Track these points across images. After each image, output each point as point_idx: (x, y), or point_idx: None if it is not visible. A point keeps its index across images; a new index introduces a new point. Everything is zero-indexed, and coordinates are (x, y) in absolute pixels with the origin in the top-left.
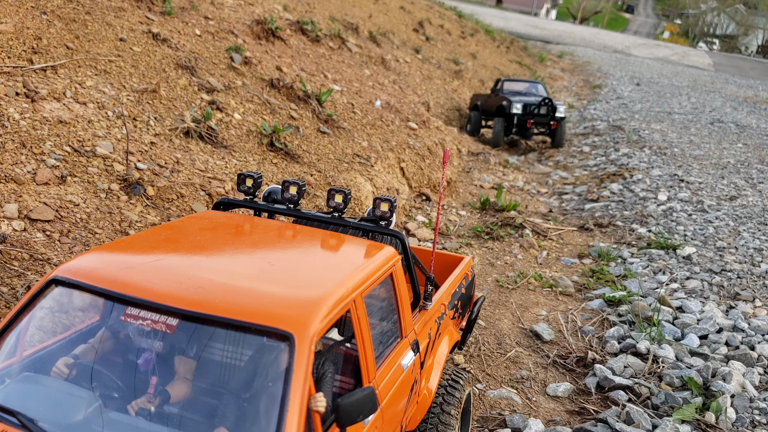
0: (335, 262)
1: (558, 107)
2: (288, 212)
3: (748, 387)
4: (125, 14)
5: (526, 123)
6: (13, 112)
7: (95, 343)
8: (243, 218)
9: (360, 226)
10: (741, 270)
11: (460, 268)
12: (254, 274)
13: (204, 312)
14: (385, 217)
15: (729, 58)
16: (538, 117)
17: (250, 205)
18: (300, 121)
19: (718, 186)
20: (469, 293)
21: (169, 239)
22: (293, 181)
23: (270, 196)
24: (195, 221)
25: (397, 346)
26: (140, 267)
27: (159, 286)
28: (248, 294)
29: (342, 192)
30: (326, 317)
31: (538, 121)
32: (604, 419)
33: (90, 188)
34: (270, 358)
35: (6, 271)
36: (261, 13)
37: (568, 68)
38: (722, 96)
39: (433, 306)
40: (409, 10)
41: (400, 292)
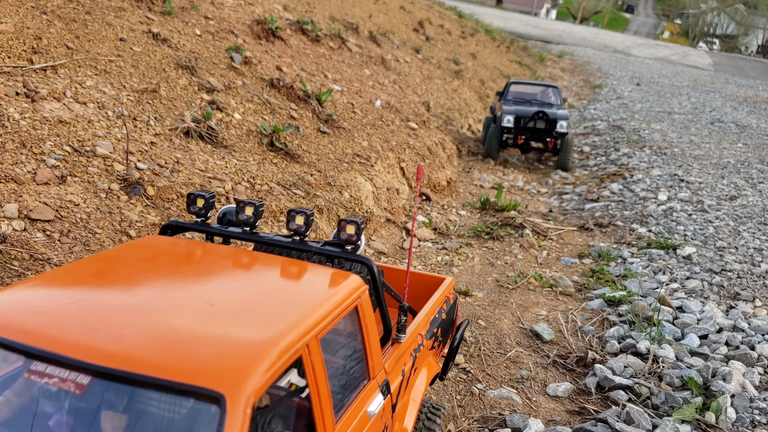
0: (289, 297)
1: (559, 121)
2: (243, 237)
3: (748, 387)
4: (125, 14)
5: (518, 138)
6: (13, 112)
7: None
8: (191, 245)
9: (323, 252)
10: (741, 270)
11: (440, 291)
12: (188, 316)
13: (119, 368)
14: (352, 240)
15: (729, 58)
16: (533, 132)
17: (201, 229)
18: (300, 121)
19: (718, 186)
20: (450, 318)
21: (98, 273)
22: (249, 202)
23: (225, 217)
24: (134, 250)
25: (363, 390)
26: (55, 310)
27: (70, 335)
28: (175, 344)
29: (303, 213)
30: (269, 370)
31: (533, 137)
32: (604, 419)
33: (90, 188)
34: (201, 424)
35: (6, 271)
36: (261, 13)
37: (568, 68)
38: (722, 96)
39: (408, 338)
40: (409, 10)
41: (367, 328)
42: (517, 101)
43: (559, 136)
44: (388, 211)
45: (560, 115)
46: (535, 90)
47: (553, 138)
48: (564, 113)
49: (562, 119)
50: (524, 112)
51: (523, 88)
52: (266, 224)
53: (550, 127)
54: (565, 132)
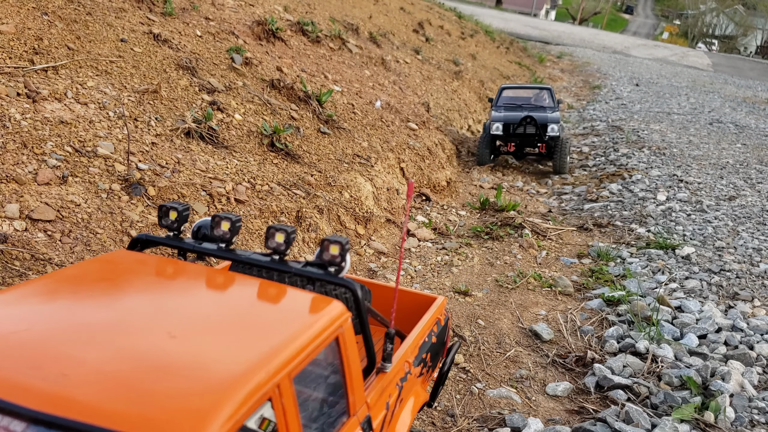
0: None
1: (549, 125)
2: (218, 254)
3: (747, 386)
4: (126, 15)
5: (508, 146)
6: (15, 113)
7: None
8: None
9: (304, 273)
10: (740, 270)
11: (431, 312)
12: (146, 350)
13: (58, 415)
14: (335, 262)
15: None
16: (524, 138)
17: (172, 244)
18: (300, 122)
19: (717, 186)
20: (441, 340)
21: (52, 295)
22: (225, 216)
23: (200, 231)
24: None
25: (341, 429)
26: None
27: (5, 373)
28: (126, 385)
29: (284, 230)
30: (232, 418)
31: (525, 143)
32: (603, 418)
33: (91, 188)
34: None
35: (7, 271)
36: (262, 13)
37: (567, 69)
38: (721, 96)
39: (395, 366)
40: (409, 11)
41: (349, 360)
42: (508, 107)
43: (551, 141)
44: (388, 211)
45: (550, 118)
46: (527, 94)
47: (544, 143)
48: (554, 116)
49: (552, 122)
50: (512, 118)
51: (515, 92)
52: (266, 224)
53: (540, 132)
54: (556, 135)
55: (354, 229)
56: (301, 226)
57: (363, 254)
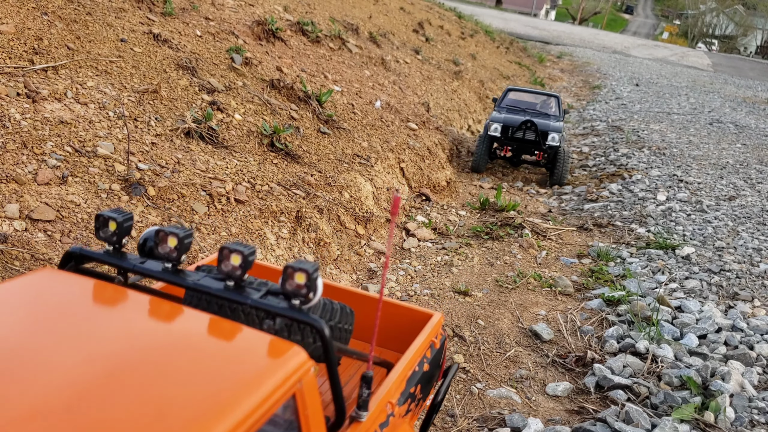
0: (200, 382)
1: (550, 133)
2: (162, 276)
3: (747, 386)
4: (126, 15)
5: (504, 149)
6: (14, 113)
7: None
8: (87, 288)
9: (262, 306)
10: (740, 270)
11: (424, 335)
12: (45, 417)
13: None
14: (300, 293)
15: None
16: (521, 143)
17: (110, 261)
18: (300, 122)
19: (717, 186)
20: (436, 365)
21: None
22: (172, 230)
23: (146, 245)
24: (14, 292)
25: None
26: None
27: None
28: None
29: (239, 252)
30: None
31: (522, 149)
32: (603, 418)
33: (91, 188)
34: None
35: (7, 271)
36: (261, 14)
37: (567, 69)
38: (721, 96)
39: (373, 412)
40: (409, 11)
41: (309, 420)
42: (510, 109)
43: (549, 150)
44: (388, 212)
45: (552, 126)
46: (534, 99)
47: (543, 151)
48: (557, 125)
49: (553, 131)
50: (513, 120)
51: (520, 96)
52: (266, 224)
53: (540, 139)
54: (556, 145)
55: (354, 229)
56: (301, 226)
57: (363, 254)
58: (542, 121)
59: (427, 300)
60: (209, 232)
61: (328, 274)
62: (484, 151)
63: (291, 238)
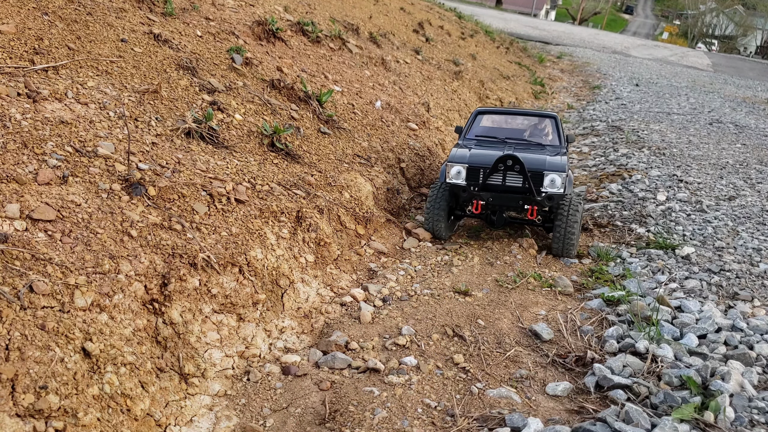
0: None
1: (547, 174)
2: None
3: (747, 386)
4: (126, 15)
5: (473, 205)
6: (15, 113)
7: None
8: None
9: None
10: (740, 270)
11: None
12: None
13: None
14: None
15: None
16: (501, 194)
17: None
18: (301, 122)
19: (717, 186)
20: None
21: None
22: None
23: None
24: None
25: None
26: None
27: None
28: None
29: None
30: None
31: (502, 203)
32: (603, 418)
33: (91, 188)
34: None
35: (8, 271)
36: (262, 14)
37: (567, 69)
38: (721, 96)
39: None
40: (409, 11)
41: None
42: (482, 141)
43: (549, 202)
44: (388, 212)
45: (550, 163)
46: (519, 123)
47: (537, 204)
48: (557, 161)
49: (552, 170)
50: (484, 158)
51: (497, 120)
52: (266, 224)
53: (530, 186)
54: (559, 193)
55: (354, 229)
56: (302, 226)
57: (363, 254)
58: (533, 156)
59: (427, 300)
60: (209, 232)
61: (328, 274)
62: (441, 209)
63: (291, 238)
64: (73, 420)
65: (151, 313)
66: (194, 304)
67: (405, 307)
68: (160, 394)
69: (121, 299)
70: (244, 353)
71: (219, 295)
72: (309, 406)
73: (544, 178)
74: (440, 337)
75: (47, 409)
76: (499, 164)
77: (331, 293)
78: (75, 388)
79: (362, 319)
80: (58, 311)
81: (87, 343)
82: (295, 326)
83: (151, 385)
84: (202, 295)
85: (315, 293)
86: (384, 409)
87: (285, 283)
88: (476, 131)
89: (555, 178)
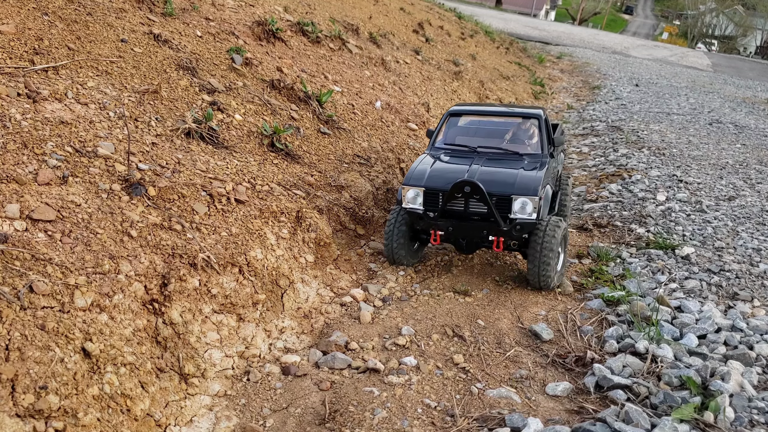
0: None
1: (516, 198)
2: None
3: (747, 386)
4: (126, 15)
5: (431, 235)
6: (15, 113)
7: None
8: None
9: None
10: (739, 270)
11: None
12: None
13: None
14: None
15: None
16: (463, 222)
17: None
18: (300, 122)
19: (717, 186)
20: None
21: None
22: None
23: None
24: None
25: None
26: None
27: None
28: None
29: None
30: None
31: (465, 233)
32: (603, 418)
33: (91, 188)
34: None
35: (8, 271)
36: (262, 14)
37: (567, 69)
38: (721, 97)
39: None
40: (409, 12)
41: None
42: (451, 152)
43: (518, 231)
44: (388, 212)
45: (521, 184)
46: (498, 124)
47: (504, 236)
48: (531, 180)
49: (523, 193)
50: (444, 179)
51: (473, 121)
52: (266, 224)
53: (494, 212)
54: (531, 221)
55: (354, 229)
56: (301, 226)
57: (363, 254)
58: (500, 176)
59: (426, 300)
60: (209, 232)
61: (328, 274)
62: (401, 236)
63: (291, 239)
64: (73, 420)
65: (151, 314)
66: (194, 304)
67: (405, 307)
68: (160, 394)
69: (121, 299)
70: (244, 353)
71: (219, 295)
72: (309, 406)
73: (513, 203)
74: (440, 337)
75: (47, 410)
76: (456, 192)
77: (331, 293)
78: (75, 388)
79: (362, 319)
80: (58, 311)
81: (87, 343)
82: (295, 326)
83: (151, 385)
84: (202, 295)
85: (315, 293)
86: (384, 410)
87: (285, 284)
88: (448, 137)
89: (526, 203)
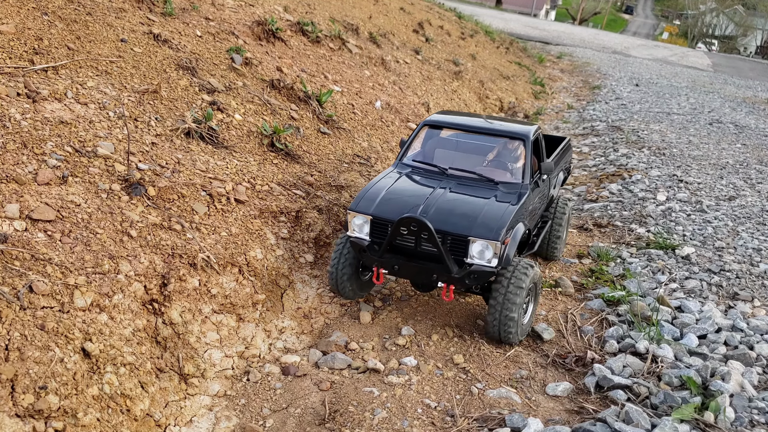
0: None
1: (473, 241)
2: None
3: (747, 386)
4: (126, 15)
5: (373, 273)
6: (15, 113)
7: None
8: None
9: None
10: (740, 270)
11: None
12: None
13: None
14: None
15: (728, 59)
16: (410, 264)
17: None
18: (300, 122)
19: (717, 186)
20: None
21: None
22: None
23: None
24: None
25: None
26: None
27: None
28: None
29: None
30: None
31: (406, 274)
32: (603, 418)
33: (91, 188)
34: None
35: (7, 271)
36: (261, 14)
37: (567, 69)
38: (721, 97)
39: None
40: (409, 11)
41: None
42: (418, 170)
43: (472, 279)
44: None
45: (482, 224)
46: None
47: (455, 283)
48: (496, 219)
49: (483, 236)
50: (396, 207)
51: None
52: (266, 224)
53: (444, 255)
54: (489, 269)
55: None
56: (301, 226)
57: None
58: (459, 211)
59: (426, 300)
60: (209, 232)
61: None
62: (347, 266)
63: (291, 238)
64: (72, 420)
65: (151, 314)
66: (194, 304)
67: (404, 307)
68: (160, 394)
69: (121, 299)
70: (244, 353)
71: (219, 295)
72: (309, 407)
73: (470, 246)
74: (440, 337)
75: (47, 410)
76: (401, 228)
77: (331, 293)
78: (75, 388)
79: (362, 319)
80: (57, 311)
81: (87, 343)
82: (294, 326)
83: (151, 385)
84: (201, 295)
85: (315, 293)
86: (384, 410)
87: (285, 283)
88: (418, 153)
89: (485, 248)
